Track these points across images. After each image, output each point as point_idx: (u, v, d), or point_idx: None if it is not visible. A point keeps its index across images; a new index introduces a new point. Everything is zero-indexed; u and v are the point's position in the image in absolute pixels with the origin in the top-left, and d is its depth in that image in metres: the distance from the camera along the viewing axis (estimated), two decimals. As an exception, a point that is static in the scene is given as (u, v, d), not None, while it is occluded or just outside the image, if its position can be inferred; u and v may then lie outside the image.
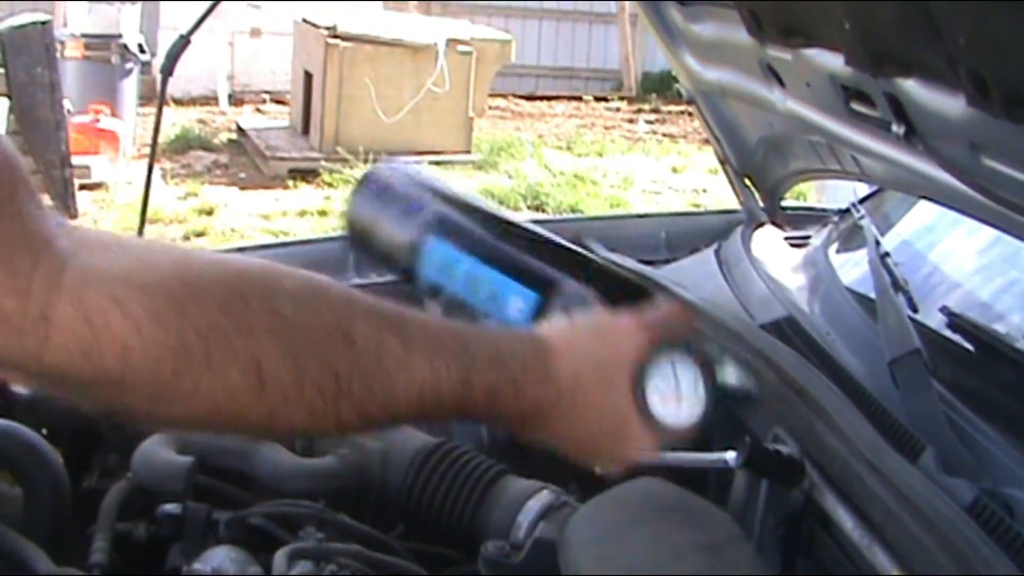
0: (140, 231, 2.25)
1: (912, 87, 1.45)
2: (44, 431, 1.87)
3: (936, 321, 1.79)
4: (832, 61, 1.62)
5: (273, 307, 1.06)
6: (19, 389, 1.87)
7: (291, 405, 1.07)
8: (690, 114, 11.64)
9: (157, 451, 1.81)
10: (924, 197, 1.90)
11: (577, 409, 1.20)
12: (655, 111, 14.06)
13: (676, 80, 2.56)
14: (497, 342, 1.18)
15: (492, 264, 1.36)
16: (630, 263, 2.08)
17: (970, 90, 1.24)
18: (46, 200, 1.00)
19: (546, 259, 1.37)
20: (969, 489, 1.34)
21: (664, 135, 12.97)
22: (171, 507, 1.79)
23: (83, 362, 1.01)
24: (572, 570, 1.46)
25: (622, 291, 1.35)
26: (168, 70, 2.13)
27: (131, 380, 1.02)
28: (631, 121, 13.71)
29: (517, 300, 1.33)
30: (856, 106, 1.64)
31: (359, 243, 1.50)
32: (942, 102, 1.40)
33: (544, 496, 1.71)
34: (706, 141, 2.78)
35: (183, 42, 2.11)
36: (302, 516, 1.74)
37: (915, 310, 1.83)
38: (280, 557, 1.62)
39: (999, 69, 1.17)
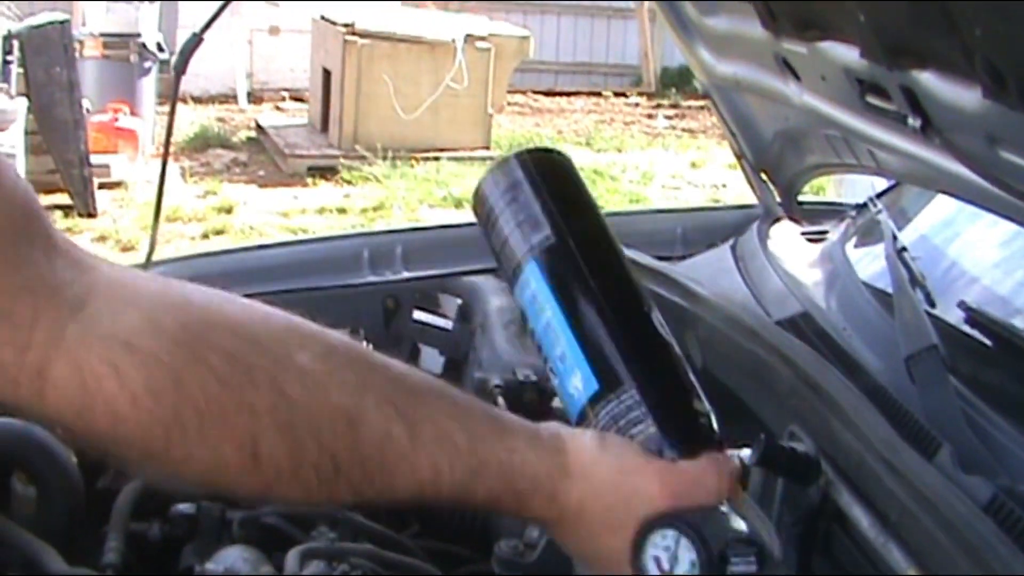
0: (153, 232, 2.22)
1: (928, 79, 1.43)
2: (59, 430, 1.87)
3: (954, 316, 1.77)
4: (847, 54, 1.60)
5: (279, 387, 1.03)
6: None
7: (284, 483, 1.05)
8: (709, 109, 11.70)
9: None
10: (941, 191, 1.89)
11: (575, 536, 1.18)
12: (674, 106, 14.04)
13: (695, 75, 2.55)
14: (512, 450, 1.14)
15: (575, 327, 1.27)
16: (646, 259, 2.07)
17: (987, 82, 1.23)
18: (63, 198, 0.98)
19: (630, 349, 1.26)
20: (987, 487, 1.32)
21: (683, 130, 12.94)
22: (184, 506, 1.78)
23: (76, 420, 1.00)
24: (586, 570, 1.45)
25: (682, 422, 1.25)
26: (181, 68, 2.12)
27: (122, 444, 1.02)
28: (650, 116, 13.68)
29: (578, 379, 1.25)
30: (872, 99, 1.63)
31: (481, 224, 1.41)
32: (958, 94, 1.38)
33: (559, 493, 1.69)
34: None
35: (196, 40, 2.10)
36: (315, 515, 1.73)
37: (932, 305, 1.81)
38: (292, 557, 1.61)
39: (1016, 61, 1.15)
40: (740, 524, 1.18)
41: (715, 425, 1.26)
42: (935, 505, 1.27)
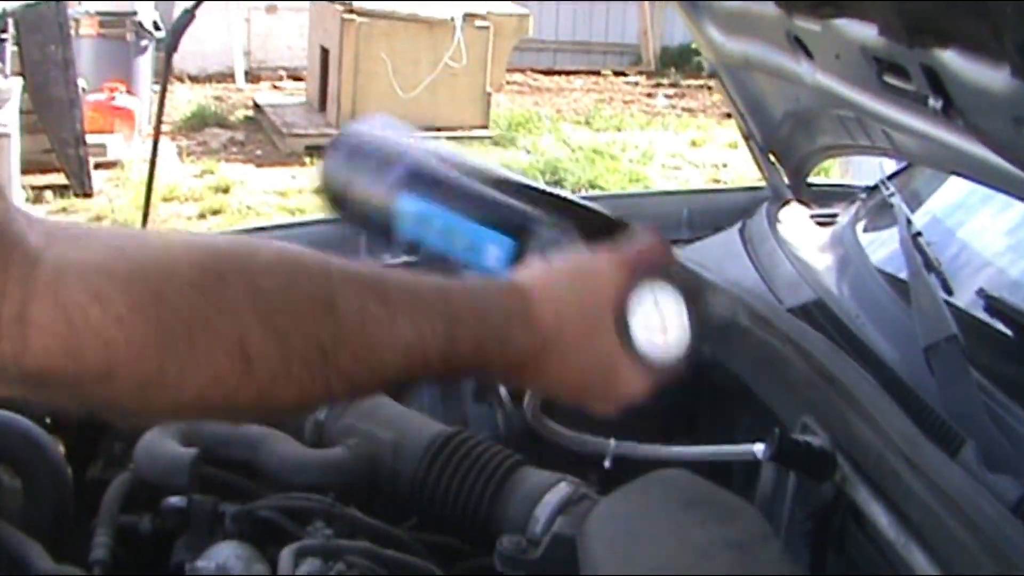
0: (145, 210, 2.18)
1: (951, 59, 1.37)
2: (48, 420, 1.82)
3: (972, 304, 1.72)
4: (864, 32, 1.55)
5: (252, 282, 1.03)
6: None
7: (279, 383, 1.04)
8: (709, 88, 11.66)
9: (160, 442, 1.77)
10: (959, 174, 1.83)
11: (564, 354, 1.17)
12: (674, 85, 14.00)
13: (696, 54, 2.52)
14: (478, 295, 1.16)
15: (466, 214, 1.34)
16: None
17: (1016, 61, 1.17)
18: (58, 178, 0.93)
19: (519, 203, 1.34)
20: (1014, 486, 1.27)
21: (683, 109, 12.91)
22: (176, 500, 1.75)
23: (65, 361, 0.97)
24: (592, 569, 1.42)
25: (598, 227, 1.30)
26: (172, 47, 2.07)
27: (116, 375, 0.98)
28: (650, 95, 13.65)
29: (493, 248, 1.30)
30: (889, 79, 1.57)
31: (336, 208, 1.47)
32: (984, 75, 1.32)
33: (563, 489, 1.66)
34: (726, 115, 2.73)
35: (188, 18, 2.05)
36: (311, 510, 1.69)
37: (949, 292, 1.77)
38: (286, 555, 1.57)
39: (1050, 39, 1.09)
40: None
41: (618, 217, 1.32)
42: (959, 505, 1.23)
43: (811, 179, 2.53)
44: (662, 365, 1.18)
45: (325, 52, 10.57)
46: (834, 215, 2.39)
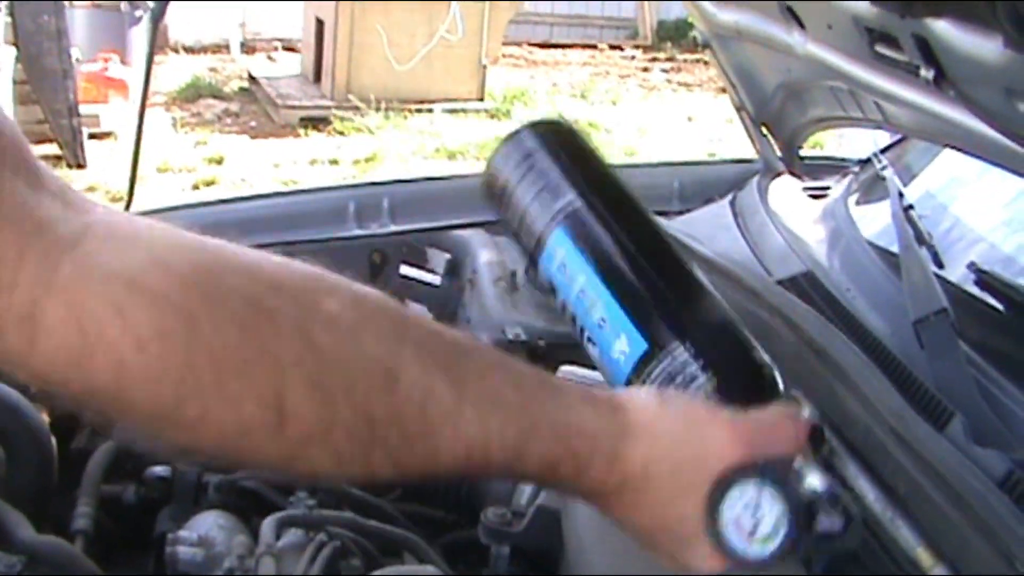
0: (132, 182, 2.16)
1: (943, 28, 1.36)
2: (32, 389, 1.81)
3: (963, 278, 1.71)
4: (856, 2, 1.52)
5: (307, 334, 0.91)
6: None
7: (315, 448, 0.92)
8: (706, 63, 11.60)
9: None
10: (951, 146, 1.82)
11: (640, 503, 1.04)
12: (670, 60, 13.97)
13: (692, 28, 2.49)
14: (567, 408, 1.02)
15: (613, 289, 1.19)
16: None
17: (1009, 31, 1.15)
18: (52, 149, 0.88)
19: (676, 303, 1.19)
20: (1002, 461, 1.26)
21: (680, 84, 12.89)
22: (160, 469, 1.75)
23: (72, 372, 0.87)
24: (577, 542, 1.41)
25: (743, 375, 1.17)
26: (158, 16, 2.05)
27: (126, 399, 0.88)
28: (646, 70, 13.61)
29: (623, 342, 1.17)
30: (881, 49, 1.55)
31: (494, 202, 1.34)
32: (976, 44, 1.31)
33: (549, 460, 1.64)
34: (722, 90, 2.71)
35: (175, -16, 2.02)
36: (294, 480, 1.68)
37: (940, 266, 1.75)
38: (268, 525, 1.56)
39: (1043, 7, 1.08)
40: (818, 478, 1.07)
41: (778, 377, 1.17)
42: (947, 480, 1.22)
43: (803, 151, 2.52)
44: (740, 563, 1.04)
45: (320, 24, 10.53)
46: (826, 188, 2.38)
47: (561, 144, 1.33)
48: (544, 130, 1.34)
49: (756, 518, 1.02)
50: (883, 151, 2.26)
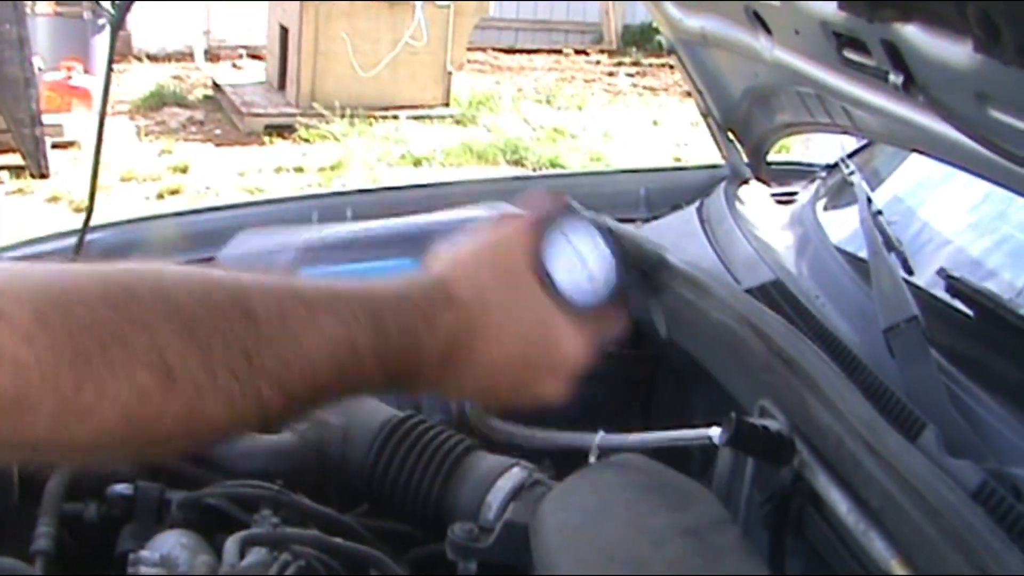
0: (91, 193, 2.13)
1: (912, 33, 1.34)
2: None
3: (933, 283, 1.69)
4: (823, 6, 1.51)
5: (164, 296, 0.98)
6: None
7: (207, 396, 0.97)
8: (671, 67, 11.61)
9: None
10: (920, 151, 1.80)
11: (495, 328, 1.14)
12: (636, 64, 14.00)
13: (657, 33, 2.47)
14: (396, 286, 1.12)
15: (362, 259, 1.29)
16: (610, 223, 1.99)
17: (979, 35, 1.14)
18: (14, 159, 0.87)
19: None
20: (975, 472, 1.24)
21: (645, 88, 12.92)
22: (121, 487, 1.73)
23: None
24: (545, 556, 1.39)
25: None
26: (117, 23, 2.02)
27: (29, 399, 0.89)
28: (611, 75, 13.64)
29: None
30: (849, 54, 1.54)
31: None
32: (946, 49, 1.29)
33: (515, 474, 1.63)
34: (688, 94, 2.70)
35: (133, -7, 2.00)
36: (258, 497, 1.65)
37: (910, 272, 1.74)
38: (232, 544, 1.53)
39: (1014, 11, 1.06)
40: None
41: None
42: (920, 491, 1.20)
43: (770, 157, 2.51)
44: (597, 303, 1.14)
45: (285, 31, 10.51)
46: (794, 194, 2.37)
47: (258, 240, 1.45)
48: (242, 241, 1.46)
49: (577, 251, 1.15)
50: (850, 156, 2.25)
